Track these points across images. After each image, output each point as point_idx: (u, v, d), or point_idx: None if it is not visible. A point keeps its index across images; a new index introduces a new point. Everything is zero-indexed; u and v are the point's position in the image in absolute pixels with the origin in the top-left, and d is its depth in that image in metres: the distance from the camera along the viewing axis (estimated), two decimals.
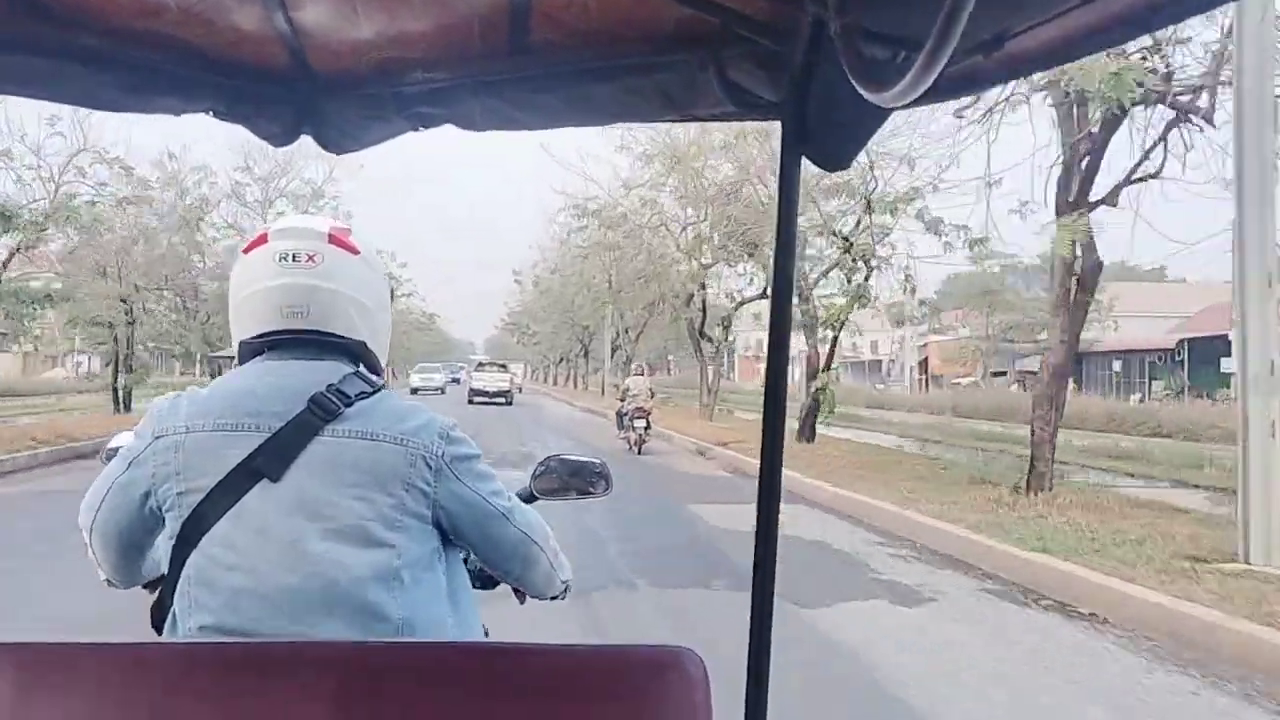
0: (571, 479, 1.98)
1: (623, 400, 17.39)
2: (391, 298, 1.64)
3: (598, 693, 1.23)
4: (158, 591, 1.46)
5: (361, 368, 1.50)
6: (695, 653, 1.22)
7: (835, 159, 1.51)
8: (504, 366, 42.67)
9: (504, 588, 1.68)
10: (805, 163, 1.49)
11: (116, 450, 1.58)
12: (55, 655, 1.17)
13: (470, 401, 35.79)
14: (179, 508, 1.36)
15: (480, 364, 42.97)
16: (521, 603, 1.75)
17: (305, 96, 1.71)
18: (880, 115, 1.36)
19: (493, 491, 1.50)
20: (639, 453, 16.12)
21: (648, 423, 16.52)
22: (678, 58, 1.59)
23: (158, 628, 1.44)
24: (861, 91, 1.07)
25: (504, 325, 48.31)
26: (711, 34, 1.53)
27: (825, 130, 1.46)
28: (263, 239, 1.47)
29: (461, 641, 1.47)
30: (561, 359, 47.64)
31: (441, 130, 1.70)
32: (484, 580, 1.71)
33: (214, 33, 1.56)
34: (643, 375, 17.84)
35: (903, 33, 1.03)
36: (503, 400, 37.34)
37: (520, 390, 51.38)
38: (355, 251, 1.49)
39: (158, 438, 1.40)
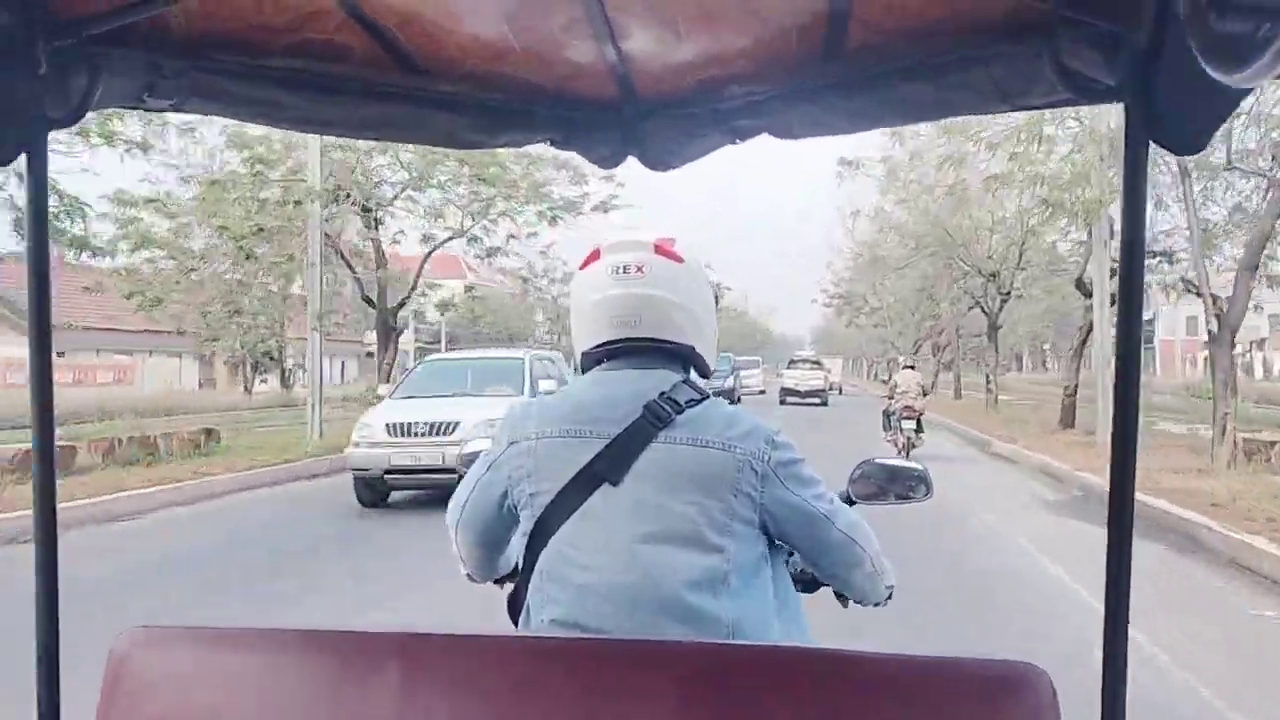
0: (889, 484, 2.09)
1: (890, 398, 16.70)
2: (716, 302, 1.84)
3: (936, 706, 1.26)
4: (514, 586, 1.73)
5: (691, 373, 1.73)
6: (1043, 670, 1.22)
7: (1188, 143, 1.50)
8: (817, 363, 41.12)
9: (826, 591, 1.83)
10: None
11: (473, 455, 1.93)
12: (434, 644, 1.40)
13: (782, 403, 34.99)
14: (531, 507, 1.63)
15: (791, 360, 41.35)
16: (844, 606, 1.90)
17: (631, 120, 2.01)
18: (1239, 93, 1.33)
19: (816, 495, 1.66)
20: (907, 457, 15.25)
21: (918, 423, 15.75)
22: (1006, 48, 1.66)
23: (514, 617, 1.72)
24: (1211, 71, 1.09)
25: (829, 301, 43.35)
26: (1044, 20, 1.58)
27: (1175, 113, 1.46)
28: (595, 255, 1.73)
29: (792, 645, 1.60)
30: (916, 347, 39.88)
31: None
32: (806, 584, 1.85)
33: (552, 69, 1.89)
34: (913, 369, 17.33)
35: (1261, 3, 1.03)
36: (816, 401, 35.66)
37: (839, 390, 49.52)
38: (679, 260, 1.71)
39: (512, 443, 1.68)
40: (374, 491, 11.24)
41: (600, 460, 1.61)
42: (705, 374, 1.77)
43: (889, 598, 1.82)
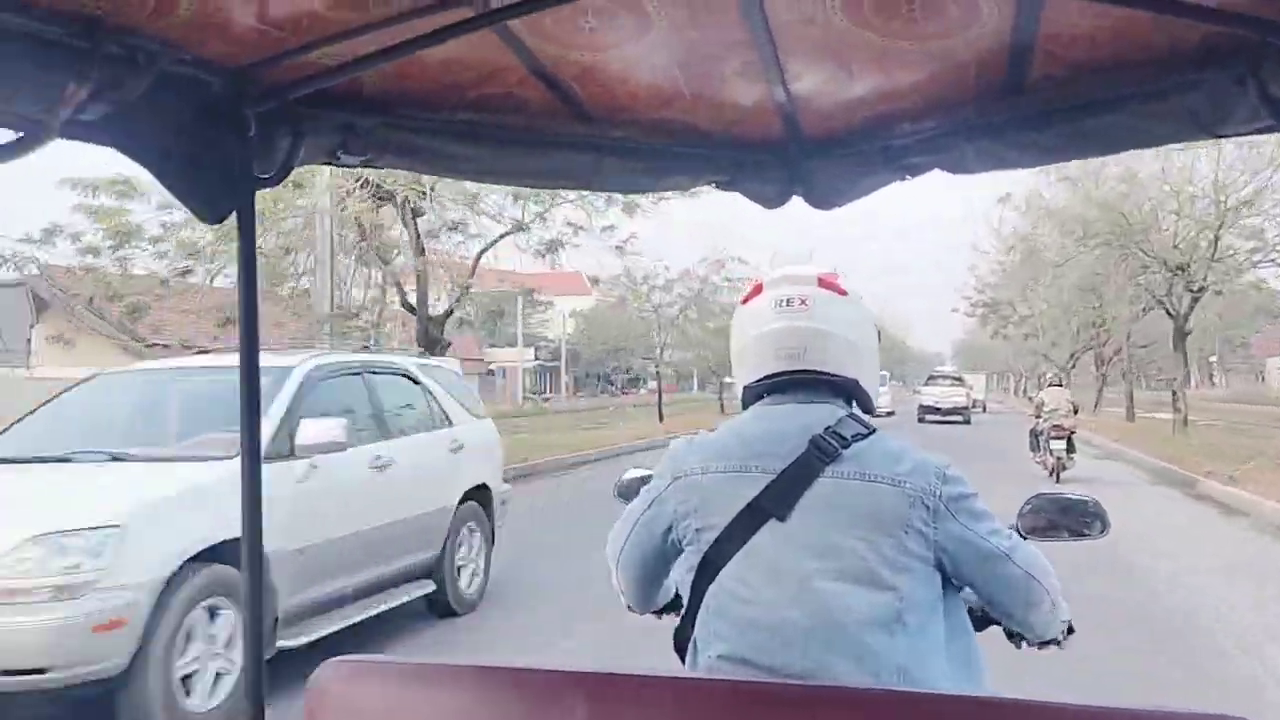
0: (1061, 518, 2.01)
1: (1037, 416, 16.05)
2: (879, 337, 1.86)
3: None
4: (679, 619, 1.76)
5: (854, 407, 1.74)
6: None
7: None
8: (959, 379, 39.71)
9: (995, 631, 1.79)
10: None
11: (630, 482, 2.11)
12: (621, 684, 1.45)
13: (920, 420, 33.60)
14: (697, 543, 1.66)
15: (931, 376, 40.22)
16: (1018, 647, 1.86)
17: (796, 159, 2.08)
18: None
19: (992, 530, 1.64)
20: (1057, 480, 14.47)
21: (1069, 443, 14.90)
22: (1205, 76, 1.67)
23: (680, 652, 1.74)
24: None
25: (971, 309, 40.25)
26: (1248, 47, 1.59)
27: None
28: (758, 289, 1.78)
29: (972, 695, 1.56)
30: (1073, 360, 36.77)
31: None
32: (976, 621, 1.79)
33: (719, 113, 1.99)
34: (1061, 386, 16.70)
35: None
36: (958, 419, 34.20)
37: (983, 408, 47.40)
38: (843, 293, 1.74)
39: (676, 478, 1.71)
40: None
41: (766, 495, 1.62)
42: (868, 409, 1.78)
43: (1067, 636, 1.78)
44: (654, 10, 1.63)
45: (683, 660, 1.74)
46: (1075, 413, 15.79)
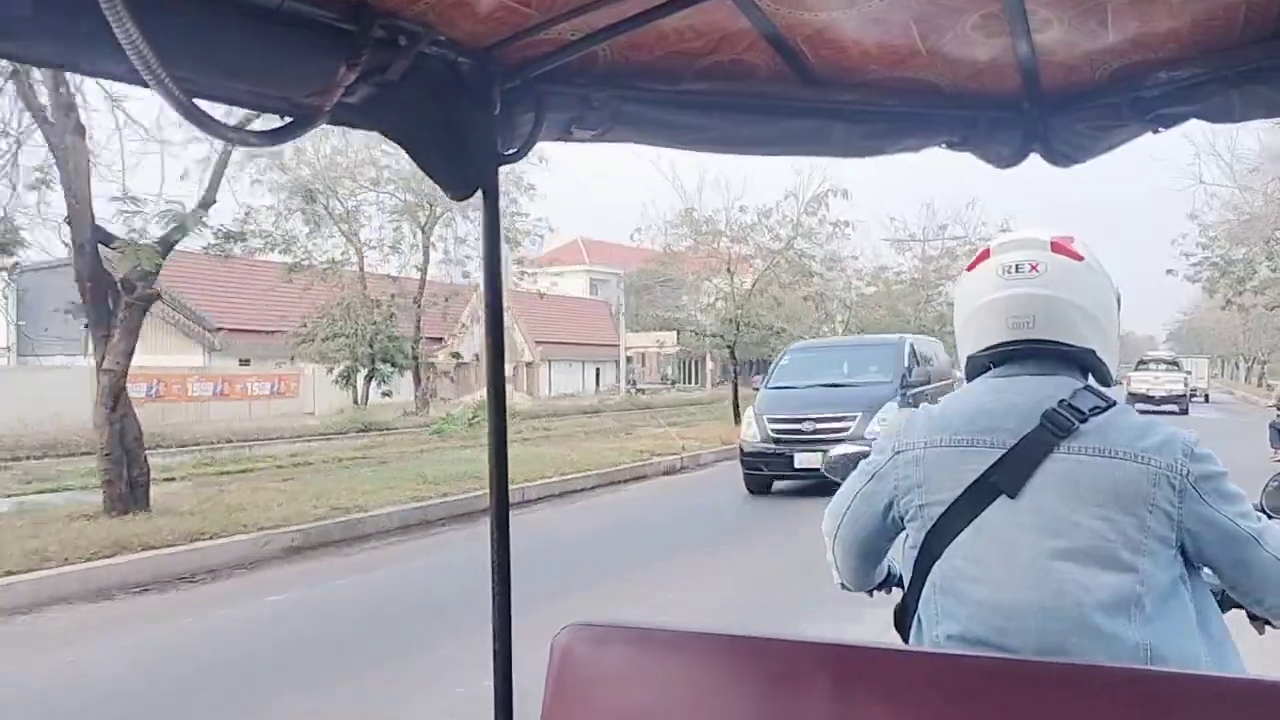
0: None
1: (1279, 408, 15.45)
2: (1119, 304, 1.87)
3: None
4: (901, 597, 1.83)
5: (1091, 379, 1.77)
6: None
7: None
8: (1174, 363, 38.11)
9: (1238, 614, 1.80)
10: None
11: (839, 459, 2.22)
12: (865, 656, 1.54)
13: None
14: (921, 519, 1.72)
15: (1141, 361, 38.75)
16: (1260, 633, 1.90)
17: (1035, 117, 2.16)
18: None
19: (1241, 513, 1.66)
20: None
21: None
22: None
23: (902, 631, 1.80)
24: None
25: (1194, 272, 33.81)
26: None
27: None
28: (985, 254, 1.81)
29: (1225, 675, 1.58)
30: None
31: None
32: (1221, 604, 1.81)
33: (955, 70, 2.07)
34: None
35: None
36: (1174, 409, 32.88)
37: (1205, 398, 45.09)
38: (1079, 258, 1.76)
39: (898, 452, 1.77)
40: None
41: (996, 471, 1.66)
42: (1106, 381, 1.80)
43: None
44: None
45: (905, 639, 1.80)
46: None
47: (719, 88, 2.14)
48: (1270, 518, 1.84)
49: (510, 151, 2.11)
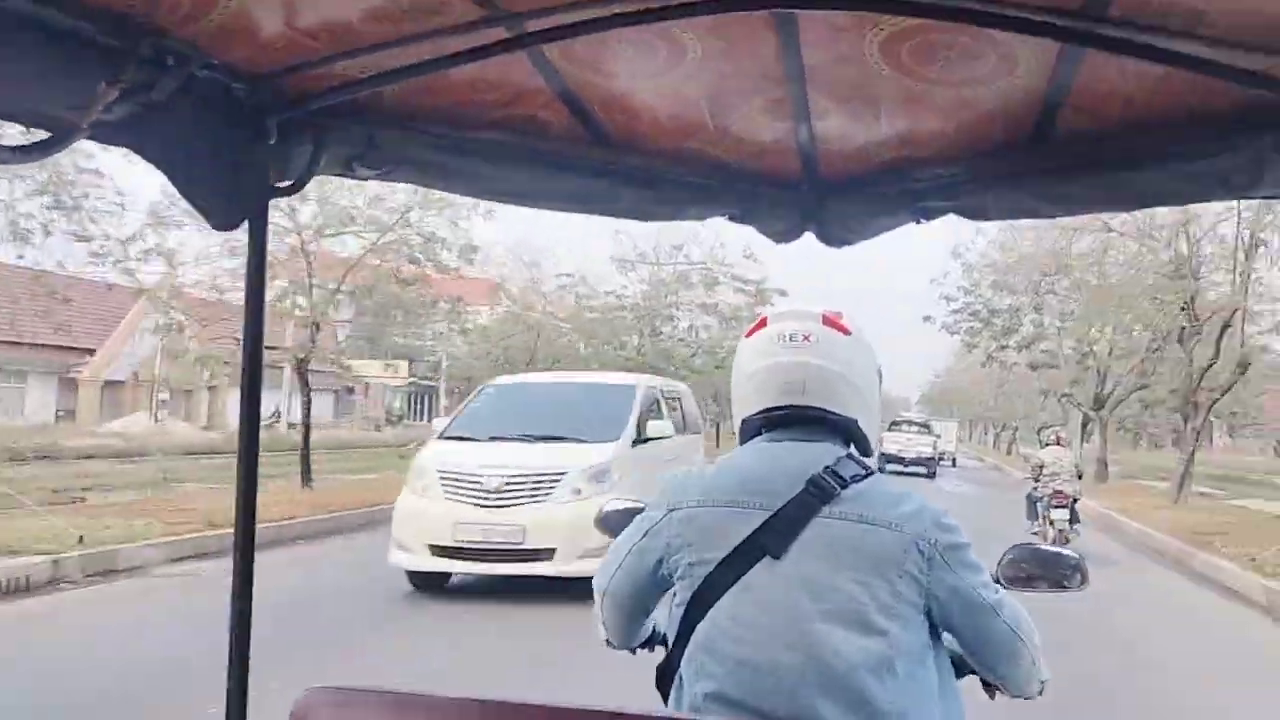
0: (1042, 570, 2.31)
1: (1035, 479, 16.32)
2: (880, 379, 2.15)
3: None
4: (665, 655, 2.03)
5: (852, 448, 2.03)
6: None
7: None
8: (925, 426, 41.52)
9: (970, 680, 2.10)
10: None
11: (614, 514, 2.43)
12: (588, 719, 1.64)
13: (880, 470, 30.75)
14: (690, 577, 1.93)
15: (894, 422, 40.89)
16: (991, 698, 2.17)
17: (811, 198, 2.48)
18: None
19: (983, 583, 1.94)
20: None
21: (1072, 513, 15.52)
22: (1242, 141, 2.03)
23: (663, 689, 2.01)
24: None
25: (954, 319, 32.87)
26: None
27: None
28: (763, 323, 2.08)
29: None
30: (1101, 402, 30.18)
31: None
32: (956, 669, 2.07)
33: (739, 146, 2.39)
34: (1060, 446, 16.88)
35: None
36: (922, 471, 35.74)
37: (952, 462, 48.69)
38: (847, 332, 2.03)
39: (672, 510, 1.99)
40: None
41: (764, 532, 1.87)
42: (867, 450, 2.05)
43: (1041, 693, 2.08)
44: (690, 42, 1.97)
45: (665, 697, 2.00)
46: (1080, 477, 16.27)
47: (510, 140, 2.33)
48: (1005, 588, 2.15)
49: (284, 184, 2.20)
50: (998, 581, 2.16)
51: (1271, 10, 1.69)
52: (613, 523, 2.37)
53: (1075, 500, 15.66)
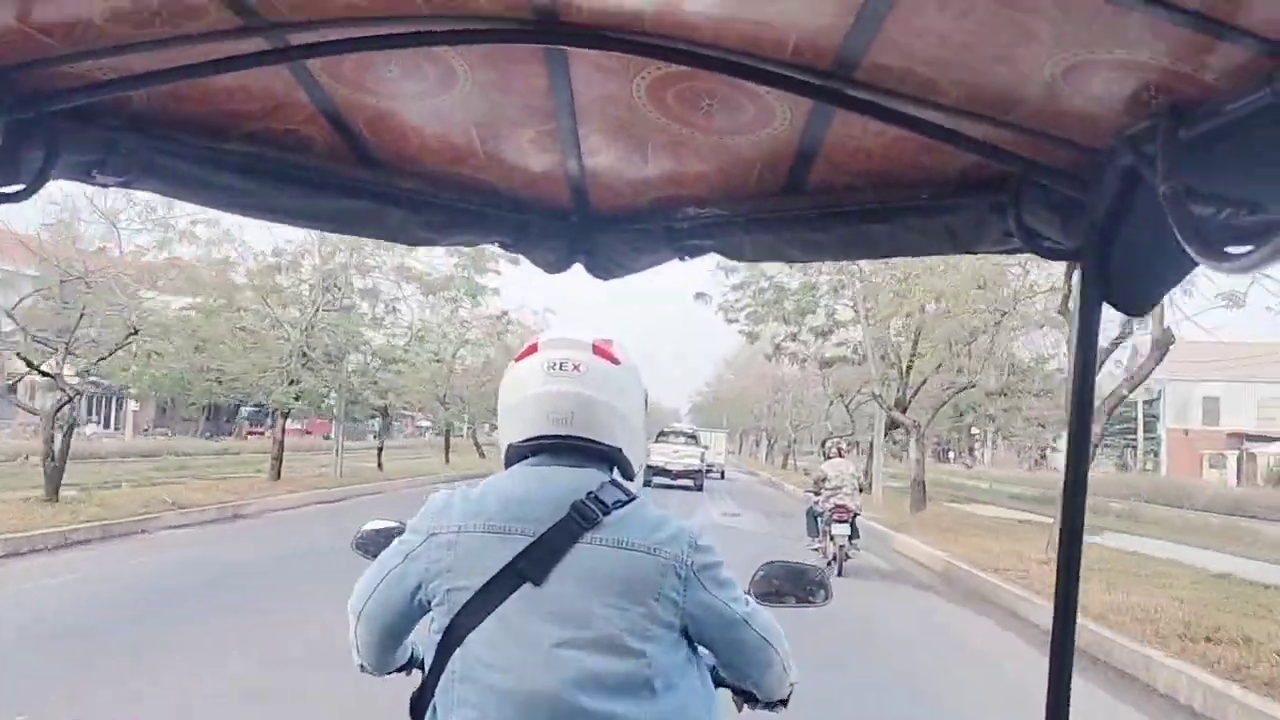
0: (790, 586, 2.67)
1: (816, 493, 16.89)
2: (646, 405, 2.38)
3: None
4: (420, 681, 2.18)
5: (616, 474, 2.25)
6: None
7: (1139, 305, 2.19)
8: (693, 437, 42.63)
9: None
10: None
11: (371, 534, 2.60)
12: None
13: (646, 484, 34.85)
14: (447, 604, 2.08)
15: (661, 433, 42.19)
16: (739, 710, 2.48)
17: (581, 230, 2.76)
18: (1191, 264, 1.81)
19: (734, 598, 2.20)
20: (839, 573, 15.58)
21: (853, 528, 16.19)
22: (967, 201, 2.44)
23: (416, 716, 2.16)
24: (1195, 254, 1.58)
25: (733, 308, 31.67)
26: (1006, 179, 2.33)
27: (1131, 277, 2.09)
28: (533, 348, 2.24)
29: None
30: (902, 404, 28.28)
31: None
32: (713, 682, 2.37)
33: (510, 175, 2.62)
34: (843, 458, 17.59)
35: (1247, 198, 1.56)
36: (689, 484, 37.54)
37: (720, 474, 50.44)
38: (616, 362, 2.24)
39: (432, 535, 2.14)
40: None
41: (524, 559, 2.04)
42: (629, 476, 2.28)
43: (789, 697, 2.41)
44: (461, 68, 2.14)
45: None
46: (861, 490, 16.85)
47: (268, 154, 2.43)
48: (760, 603, 2.42)
49: (12, 189, 2.18)
50: (751, 596, 2.44)
51: (993, 85, 1.97)
52: (369, 543, 2.54)
53: (856, 515, 16.16)
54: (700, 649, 2.23)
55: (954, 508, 29.20)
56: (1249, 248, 1.46)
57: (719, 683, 2.37)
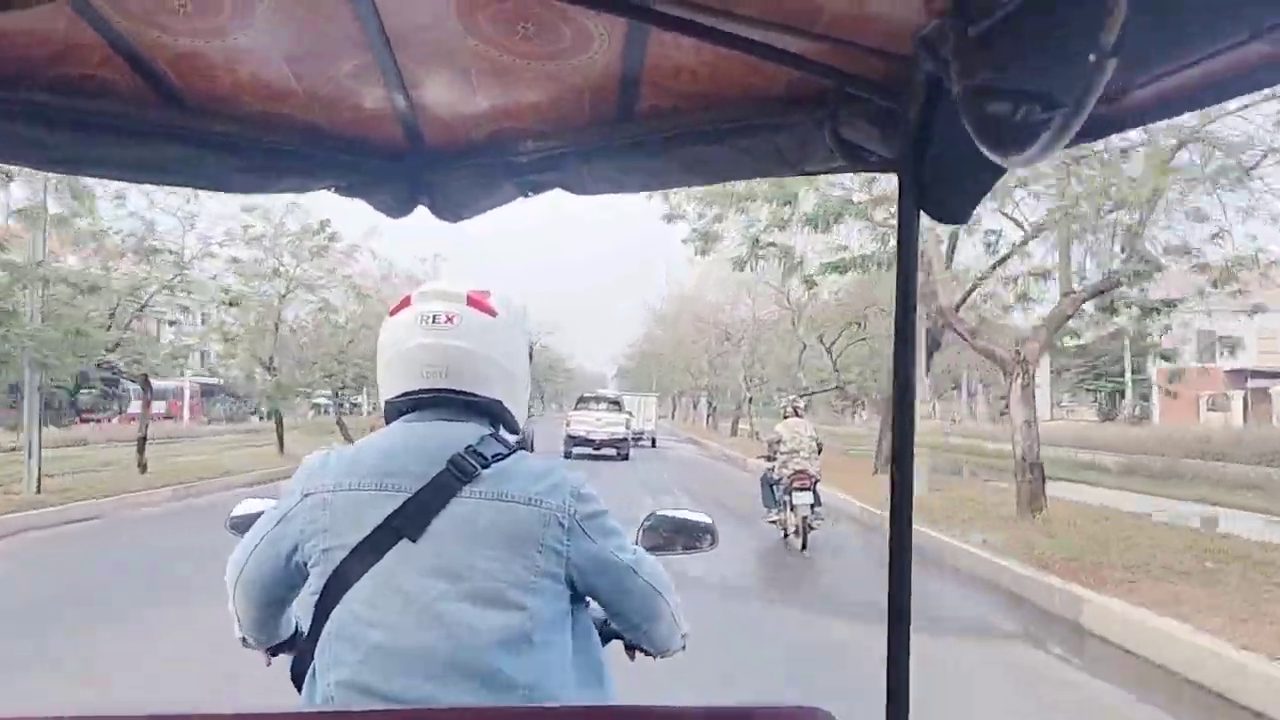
0: (676, 535, 2.90)
1: (771, 458, 15.65)
2: (530, 356, 2.51)
3: None
4: (295, 648, 2.34)
5: (500, 428, 2.36)
6: (829, 713, 1.67)
7: (954, 214, 2.22)
8: (616, 403, 41.29)
9: (615, 646, 2.60)
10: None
11: (245, 516, 2.62)
12: None
13: (567, 455, 34.84)
14: (324, 563, 2.16)
15: (581, 398, 41.69)
16: (631, 659, 2.64)
17: (419, 170, 2.77)
18: (999, 170, 1.98)
19: (620, 546, 2.32)
20: (802, 548, 15.03)
21: (815, 496, 14.93)
22: (790, 119, 2.50)
23: (297, 682, 2.25)
24: (988, 153, 1.66)
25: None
26: (824, 94, 2.41)
27: (943, 186, 2.16)
28: (407, 301, 2.35)
29: (586, 705, 2.17)
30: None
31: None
32: (602, 636, 2.51)
33: (335, 114, 2.59)
34: (800, 417, 16.13)
35: (1030, 91, 1.54)
36: (613, 453, 36.81)
37: (652, 441, 48.31)
38: (493, 313, 2.33)
39: (306, 495, 2.20)
40: None
41: (400, 515, 2.12)
42: (514, 429, 2.41)
43: (683, 647, 2.55)
44: None
45: (299, 691, 2.25)
46: (819, 452, 15.84)
47: (71, 104, 2.40)
48: (650, 553, 2.58)
49: None
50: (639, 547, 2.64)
51: None
52: (244, 526, 2.52)
53: (817, 481, 15.14)
54: (592, 604, 2.39)
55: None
56: (1032, 141, 1.51)
57: (611, 635, 2.58)
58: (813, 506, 14.89)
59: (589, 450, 37.55)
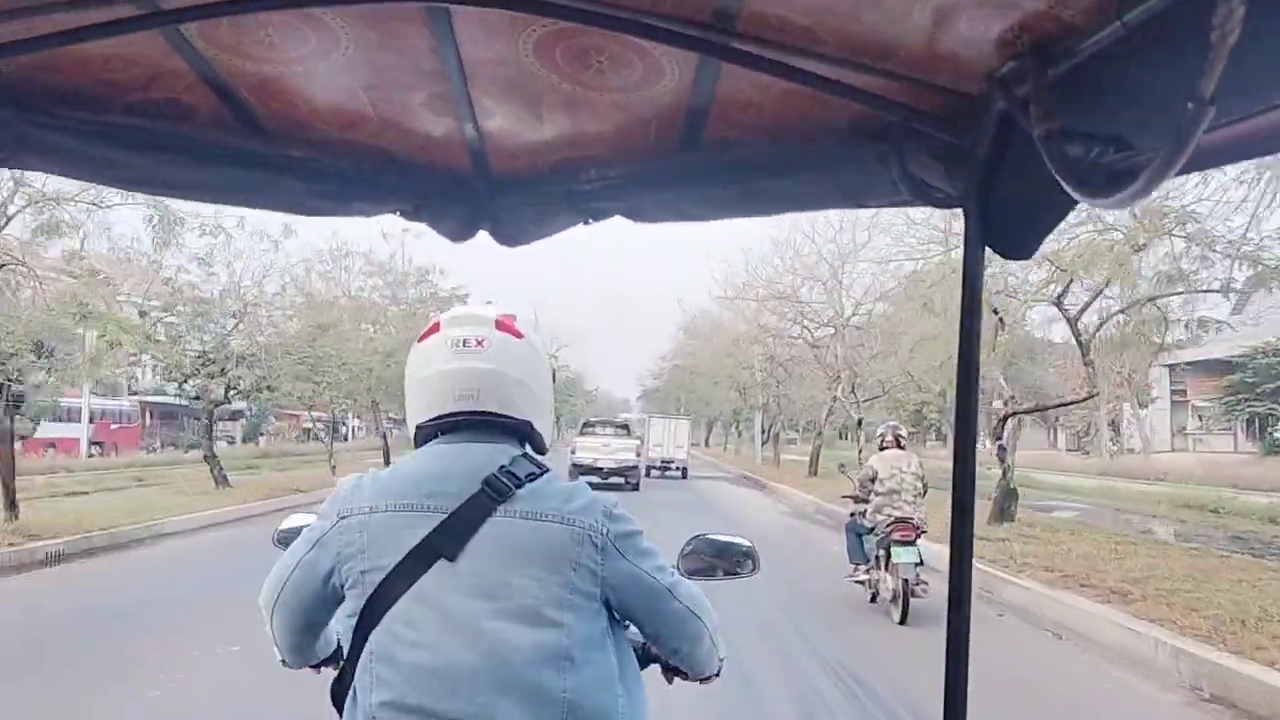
0: (718, 560, 2.99)
1: (863, 499, 13.18)
2: (554, 379, 2.76)
3: None
4: (339, 668, 2.36)
5: (528, 448, 2.55)
6: None
7: (1020, 248, 2.32)
8: (624, 427, 39.77)
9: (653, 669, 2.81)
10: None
11: (291, 530, 2.77)
12: None
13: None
14: (362, 585, 2.31)
15: (586, 424, 40.06)
16: (669, 683, 2.78)
17: (483, 196, 2.98)
18: (1068, 206, 2.09)
19: (657, 567, 2.47)
20: (901, 620, 12.85)
21: (919, 555, 12.69)
22: (855, 152, 2.64)
23: (338, 704, 2.35)
24: (1075, 194, 1.74)
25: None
26: (891, 129, 2.56)
27: (1011, 221, 2.24)
28: (436, 327, 2.51)
29: None
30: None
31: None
32: (640, 659, 2.69)
33: (405, 140, 2.83)
34: (901, 448, 13.66)
35: (1121, 135, 1.66)
36: (621, 482, 35.60)
37: (683, 472, 43.71)
38: (519, 336, 2.50)
39: (342, 518, 2.34)
40: None
41: (437, 535, 2.26)
42: (541, 450, 2.62)
43: (719, 672, 2.72)
44: (341, 29, 2.31)
45: (340, 712, 2.39)
46: (925, 493, 13.47)
47: (153, 126, 2.59)
48: (687, 578, 2.72)
49: None
50: (680, 572, 2.85)
51: (868, 33, 2.15)
52: (288, 539, 2.73)
53: (921, 533, 12.81)
54: (630, 627, 2.57)
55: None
56: (1125, 184, 1.55)
57: (649, 659, 2.77)
58: (916, 566, 12.60)
59: (596, 480, 33.98)
